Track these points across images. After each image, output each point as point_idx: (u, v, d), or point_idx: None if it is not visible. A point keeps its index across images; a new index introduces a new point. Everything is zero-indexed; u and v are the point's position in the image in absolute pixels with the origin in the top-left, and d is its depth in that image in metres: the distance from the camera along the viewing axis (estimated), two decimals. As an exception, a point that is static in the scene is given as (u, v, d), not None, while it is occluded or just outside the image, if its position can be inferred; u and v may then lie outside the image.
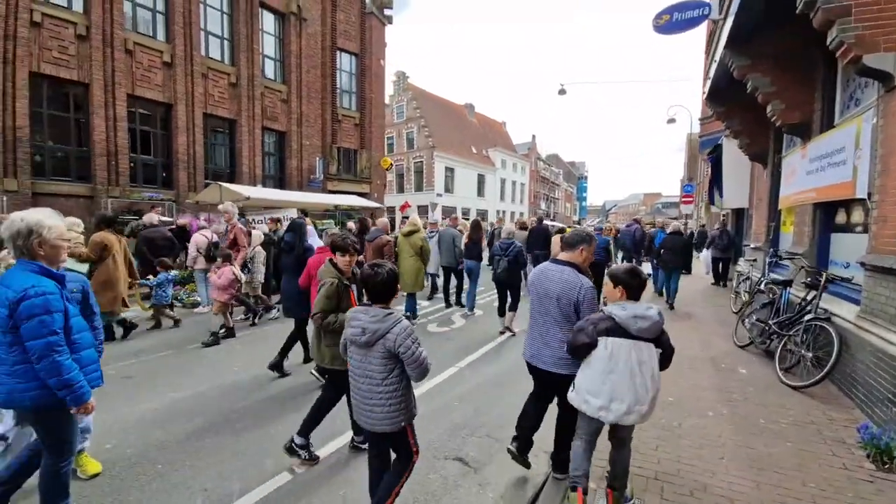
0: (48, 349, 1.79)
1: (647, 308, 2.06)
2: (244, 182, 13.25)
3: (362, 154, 18.22)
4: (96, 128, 10.21)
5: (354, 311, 2.04)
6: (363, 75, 18.08)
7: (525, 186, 46.38)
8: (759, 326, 4.79)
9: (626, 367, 2.01)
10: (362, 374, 1.98)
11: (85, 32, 9.92)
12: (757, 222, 7.76)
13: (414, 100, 33.69)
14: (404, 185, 34.83)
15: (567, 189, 65.54)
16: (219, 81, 12.80)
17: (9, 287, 1.80)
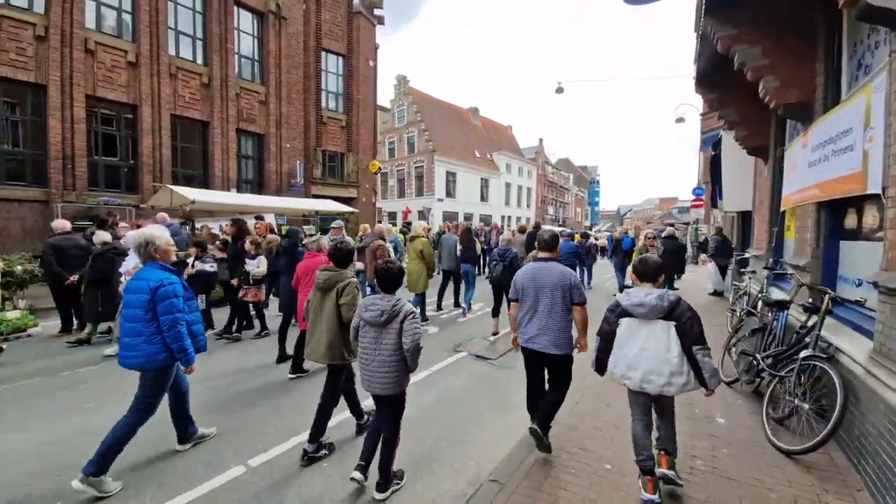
0: (175, 322, 2.61)
1: (646, 295, 2.36)
2: (216, 186, 12.73)
3: (349, 157, 17.59)
4: (52, 130, 9.80)
5: (371, 299, 2.49)
6: (350, 76, 17.51)
7: (532, 191, 45.19)
8: (746, 360, 3.76)
9: (636, 342, 2.37)
10: (376, 350, 2.44)
11: (43, 33, 9.55)
12: (759, 227, 6.65)
13: (415, 104, 33.11)
14: (405, 190, 34.19)
15: (578, 194, 63.94)
16: (189, 82, 12.34)
17: (148, 279, 2.63)
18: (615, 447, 3.00)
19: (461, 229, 8.08)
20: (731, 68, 4.97)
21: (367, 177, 18.34)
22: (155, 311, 2.59)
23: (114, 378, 4.18)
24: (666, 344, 2.29)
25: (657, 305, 2.30)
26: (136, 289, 2.63)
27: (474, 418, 3.66)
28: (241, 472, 2.82)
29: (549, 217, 47.21)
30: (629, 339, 2.40)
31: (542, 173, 47.91)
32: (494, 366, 5.01)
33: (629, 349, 2.39)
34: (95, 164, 10.72)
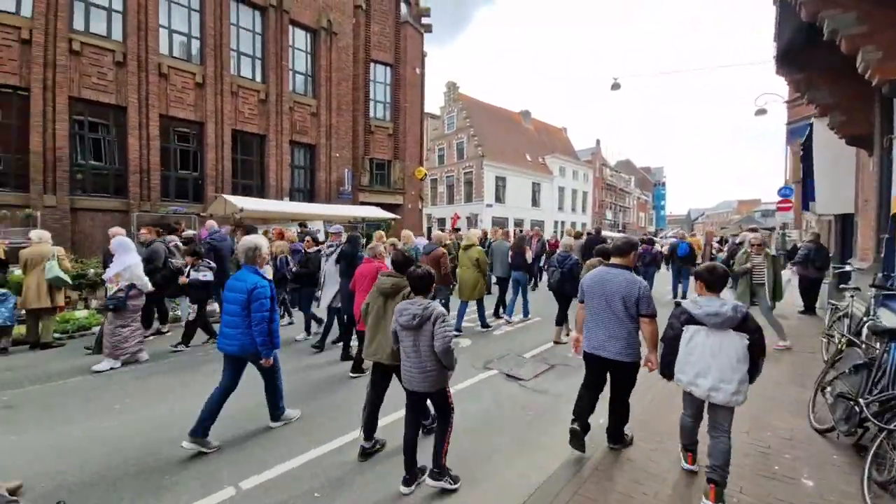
0: (263, 320, 3.12)
1: (721, 305, 2.37)
2: (270, 195, 13.44)
3: (395, 165, 17.80)
4: (131, 147, 10.90)
5: (404, 304, 2.64)
6: (397, 85, 17.77)
7: (588, 195, 43.00)
8: (845, 404, 2.91)
9: (706, 350, 2.38)
10: (416, 351, 2.57)
11: (122, 59, 10.69)
12: (863, 234, 5.41)
13: (464, 109, 33.06)
14: (454, 196, 34.15)
15: (641, 197, 59.78)
16: (248, 99, 13.19)
17: (245, 281, 3.16)
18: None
19: (516, 236, 8.08)
20: (820, 40, 4.08)
21: (413, 183, 18.44)
22: (249, 307, 3.11)
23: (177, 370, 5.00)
24: (738, 354, 2.31)
25: (732, 317, 2.32)
26: (236, 288, 3.19)
27: (484, 456, 3.15)
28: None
29: (607, 222, 44.55)
30: (698, 348, 2.41)
31: (600, 176, 45.43)
32: (525, 388, 4.50)
33: (699, 357, 2.40)
34: (167, 177, 11.78)
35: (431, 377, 2.56)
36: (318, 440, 3.33)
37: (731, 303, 2.38)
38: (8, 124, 9.36)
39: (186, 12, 11.99)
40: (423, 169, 18.23)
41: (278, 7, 13.60)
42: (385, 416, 3.30)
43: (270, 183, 13.56)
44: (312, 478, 2.86)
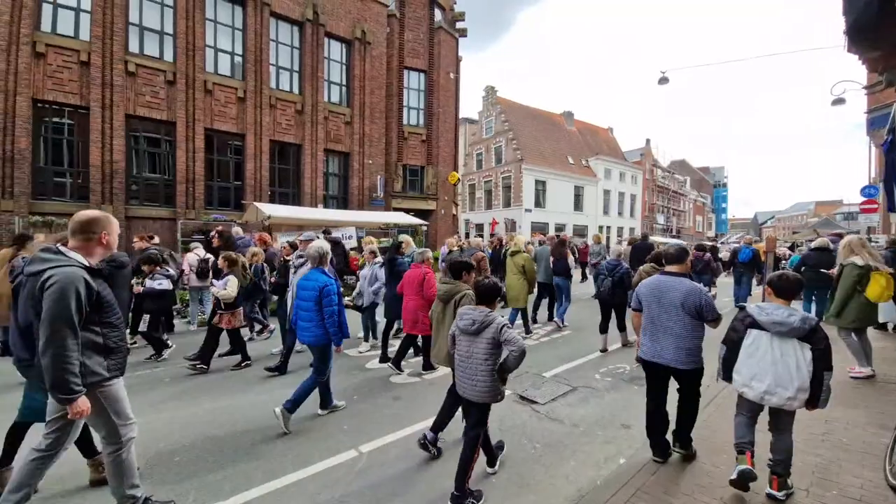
0: (333, 313, 3.55)
1: (788, 315, 2.35)
2: (305, 202, 13.82)
3: (428, 170, 17.72)
4: (178, 159, 11.65)
5: (465, 309, 2.67)
6: (431, 91, 17.74)
7: (637, 198, 40.54)
8: None
9: (767, 354, 2.39)
10: (468, 357, 2.57)
11: (172, 78, 11.48)
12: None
13: (502, 113, 32.52)
14: (492, 201, 33.59)
15: (698, 200, 55.44)
16: (286, 110, 13.70)
17: (317, 280, 3.61)
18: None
19: (554, 241, 7.97)
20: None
21: (446, 188, 18.25)
22: (321, 303, 3.54)
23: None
24: (799, 363, 2.33)
25: (799, 328, 2.32)
26: (308, 287, 3.65)
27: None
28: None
29: (658, 227, 41.73)
30: (758, 351, 2.43)
31: (650, 178, 42.73)
32: (538, 413, 3.99)
33: (759, 361, 2.42)
34: (210, 186, 12.46)
35: (479, 387, 2.54)
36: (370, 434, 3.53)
37: (801, 313, 2.38)
38: (70, 140, 10.34)
39: (230, 31, 12.69)
40: (456, 174, 18.00)
41: (315, 21, 14.05)
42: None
43: (305, 190, 13.94)
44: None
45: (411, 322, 4.81)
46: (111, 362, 2.16)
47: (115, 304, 2.22)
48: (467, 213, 36.10)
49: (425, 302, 4.58)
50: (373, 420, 3.81)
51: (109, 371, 2.15)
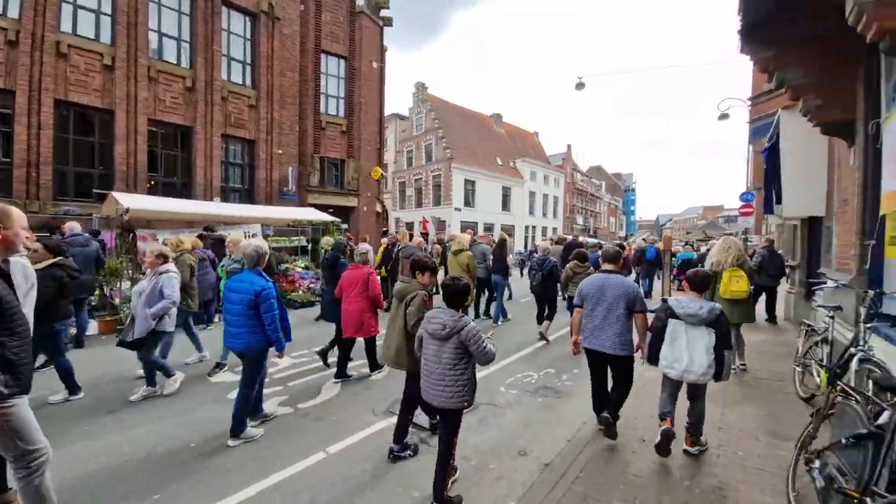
0: (275, 318, 3.32)
1: (699, 307, 2.89)
2: (198, 194, 11.92)
3: (349, 164, 16.53)
4: (18, 136, 9.24)
5: (434, 312, 2.59)
6: (352, 79, 16.55)
7: (559, 200, 42.82)
8: (843, 499, 1.91)
9: (683, 340, 2.89)
10: (437, 362, 2.50)
11: (15, 38, 9.06)
12: (841, 240, 4.61)
13: (433, 111, 32.12)
14: (422, 200, 33.05)
15: (611, 203, 60.45)
16: (171, 85, 11.66)
17: (252, 283, 3.32)
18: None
19: (497, 242, 8.17)
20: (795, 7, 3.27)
21: (369, 184, 17.21)
22: (257, 308, 3.24)
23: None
24: (707, 345, 2.84)
25: (707, 317, 2.86)
26: (240, 290, 3.30)
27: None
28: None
29: (577, 227, 44.49)
30: (677, 338, 2.92)
31: (571, 181, 45.44)
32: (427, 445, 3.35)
33: (676, 346, 2.91)
34: (64, 172, 10.11)
35: (448, 393, 2.46)
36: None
37: (708, 304, 2.91)
38: None
39: (94, -17, 10.42)
40: (379, 169, 17.04)
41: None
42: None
43: (198, 181, 12.03)
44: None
45: (355, 325, 4.54)
46: (11, 378, 1.86)
47: (16, 308, 1.93)
48: (398, 210, 35.16)
49: (370, 303, 4.52)
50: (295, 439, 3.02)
51: (7, 388, 1.84)
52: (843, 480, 1.86)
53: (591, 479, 2.70)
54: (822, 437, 2.32)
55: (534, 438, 3.39)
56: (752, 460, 2.92)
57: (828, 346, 3.66)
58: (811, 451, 2.24)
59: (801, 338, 4.32)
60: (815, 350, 3.93)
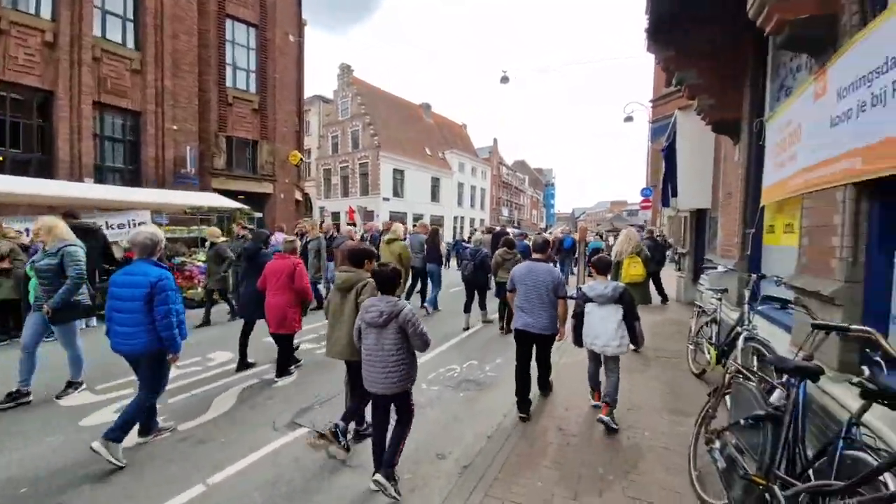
0: (169, 312, 2.92)
1: (604, 287, 3.32)
2: (61, 174, 9.82)
3: (263, 146, 14.99)
4: None
5: (371, 301, 2.58)
6: (265, 52, 14.93)
7: (486, 192, 44.02)
8: (746, 484, 1.97)
9: (597, 319, 3.34)
10: (379, 350, 2.52)
11: None
12: (726, 229, 5.16)
13: (359, 95, 30.67)
14: (349, 188, 31.60)
15: (533, 196, 63.90)
16: (26, 40, 9.38)
17: (147, 274, 2.91)
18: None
19: (430, 231, 8.13)
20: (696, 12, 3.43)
21: (286, 170, 15.81)
22: (152, 302, 2.88)
23: None
24: (616, 320, 3.28)
25: (612, 295, 3.30)
26: (134, 283, 2.91)
27: None
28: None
29: (503, 218, 46.26)
30: (593, 318, 3.36)
31: (497, 174, 46.95)
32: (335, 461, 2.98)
33: (595, 324, 3.35)
34: None
35: (393, 379, 2.51)
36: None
37: (612, 284, 3.33)
38: None
39: None
40: (298, 153, 15.71)
41: (72, -82, 9.94)
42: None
43: (61, 157, 9.90)
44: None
45: (278, 320, 4.22)
46: None
47: None
48: (322, 199, 33.24)
49: (295, 296, 4.27)
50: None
51: None
52: (744, 462, 1.91)
53: (510, 479, 2.58)
54: (721, 415, 2.44)
55: (454, 438, 3.21)
56: (659, 439, 3.06)
57: (716, 326, 4.01)
58: (711, 431, 2.32)
59: (693, 318, 4.74)
60: (705, 329, 4.31)
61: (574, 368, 4.47)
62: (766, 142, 3.55)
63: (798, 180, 2.83)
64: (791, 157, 3.03)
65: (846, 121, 2.15)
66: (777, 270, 3.51)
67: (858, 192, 2.12)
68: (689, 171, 6.45)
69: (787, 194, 3.09)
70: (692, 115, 6.25)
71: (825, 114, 2.40)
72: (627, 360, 4.73)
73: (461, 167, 38.94)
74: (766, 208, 3.76)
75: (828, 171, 2.36)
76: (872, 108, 1.87)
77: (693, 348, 4.50)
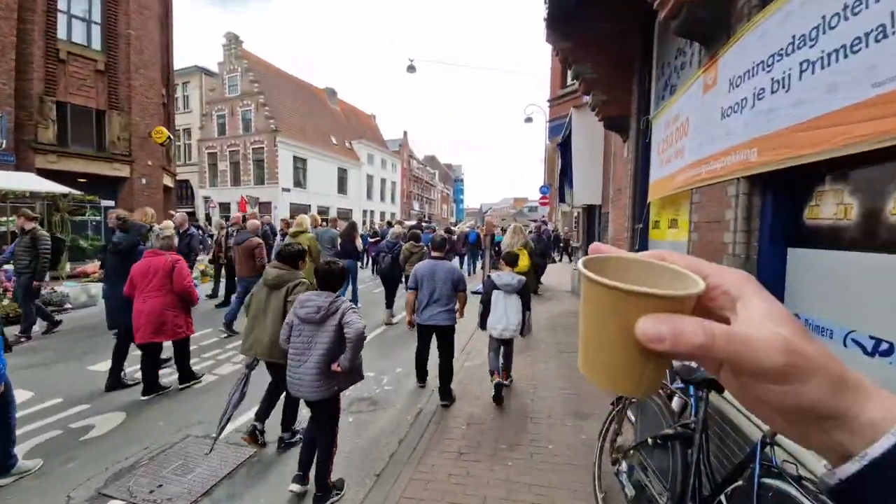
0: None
1: (511, 278, 3.72)
2: None
3: (112, 118, 12.14)
4: None
5: (307, 295, 2.46)
6: (114, 0, 12.05)
7: (397, 185, 43.18)
8: (650, 490, 1.76)
9: (501, 306, 3.69)
10: (310, 350, 2.36)
11: None
12: (615, 224, 5.37)
13: (250, 71, 27.26)
14: (240, 176, 28.04)
15: (444, 191, 64.92)
16: None
17: None
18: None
19: (347, 225, 7.86)
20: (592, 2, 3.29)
21: (149, 149, 13.10)
22: None
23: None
24: (517, 308, 3.71)
25: (516, 286, 3.70)
26: None
27: None
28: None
29: (414, 213, 45.99)
30: (498, 305, 3.70)
31: (408, 168, 46.43)
32: None
33: (498, 311, 3.70)
34: None
35: (322, 381, 2.35)
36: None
37: (517, 276, 3.80)
38: None
39: None
40: (164, 130, 13.09)
41: None
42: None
43: None
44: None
45: (155, 327, 3.66)
46: None
47: None
48: (207, 188, 28.96)
49: (175, 298, 3.74)
50: None
51: None
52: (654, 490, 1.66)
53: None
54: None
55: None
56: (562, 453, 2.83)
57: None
58: (617, 449, 2.11)
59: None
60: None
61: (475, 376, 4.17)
62: (653, 139, 3.60)
63: (686, 175, 2.81)
64: (677, 152, 3.02)
65: (739, 111, 2.06)
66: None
67: (751, 187, 2.06)
68: (583, 168, 6.68)
69: (674, 190, 3.10)
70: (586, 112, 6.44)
71: (715, 105, 2.33)
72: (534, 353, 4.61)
73: (370, 158, 37.49)
74: (652, 204, 3.85)
75: (718, 164, 2.29)
76: (773, 95, 1.74)
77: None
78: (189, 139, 29.81)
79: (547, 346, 5.25)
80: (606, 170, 6.41)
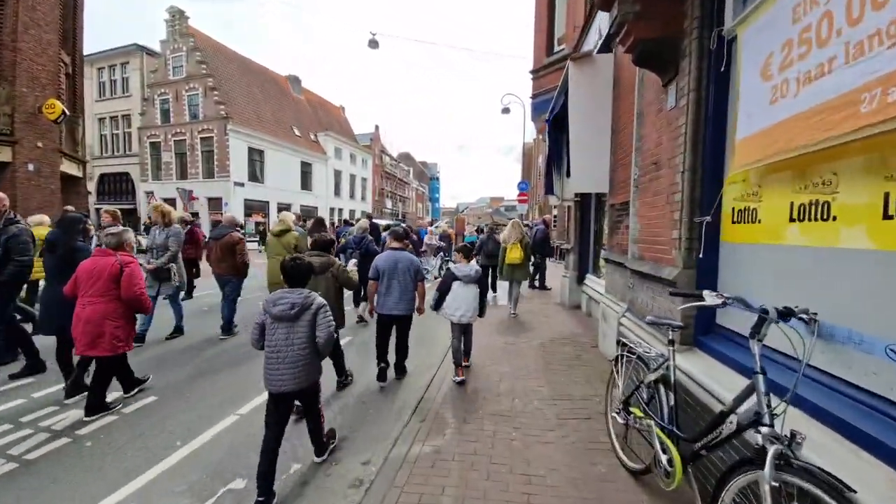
0: None
1: (469, 269, 4.03)
2: None
3: (-16, 86, 9.54)
4: None
5: (280, 293, 2.45)
6: (-14, -64, 9.46)
7: (368, 182, 40.81)
8: None
9: (460, 295, 4.00)
10: (288, 345, 2.39)
11: None
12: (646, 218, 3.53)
13: (197, 51, 24.40)
14: (188, 169, 25.11)
15: (419, 189, 62.77)
16: None
17: None
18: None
19: (314, 220, 7.57)
20: None
21: (39, 126, 10.53)
22: None
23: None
24: (474, 295, 4.04)
25: (474, 276, 4.02)
26: None
27: None
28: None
29: (387, 211, 43.75)
30: (457, 293, 4.00)
31: (380, 164, 44.09)
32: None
33: (458, 298, 3.99)
34: None
35: (305, 372, 2.42)
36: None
37: (475, 267, 4.09)
38: None
39: None
40: (58, 103, 10.50)
41: None
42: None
43: None
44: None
45: (91, 337, 3.15)
46: None
47: None
48: (150, 182, 25.85)
49: (120, 306, 3.25)
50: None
51: None
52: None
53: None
54: None
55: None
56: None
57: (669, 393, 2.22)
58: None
59: (617, 366, 2.90)
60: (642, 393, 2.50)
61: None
62: (742, 60, 1.85)
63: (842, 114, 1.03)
64: (817, 66, 1.25)
65: None
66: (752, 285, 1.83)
67: None
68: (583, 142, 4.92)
69: (803, 146, 1.32)
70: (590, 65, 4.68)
71: None
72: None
73: (338, 153, 35.04)
74: (733, 180, 2.10)
75: None
76: None
77: (621, 422, 2.63)
78: (129, 127, 26.58)
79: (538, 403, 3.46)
80: (616, 145, 4.69)
